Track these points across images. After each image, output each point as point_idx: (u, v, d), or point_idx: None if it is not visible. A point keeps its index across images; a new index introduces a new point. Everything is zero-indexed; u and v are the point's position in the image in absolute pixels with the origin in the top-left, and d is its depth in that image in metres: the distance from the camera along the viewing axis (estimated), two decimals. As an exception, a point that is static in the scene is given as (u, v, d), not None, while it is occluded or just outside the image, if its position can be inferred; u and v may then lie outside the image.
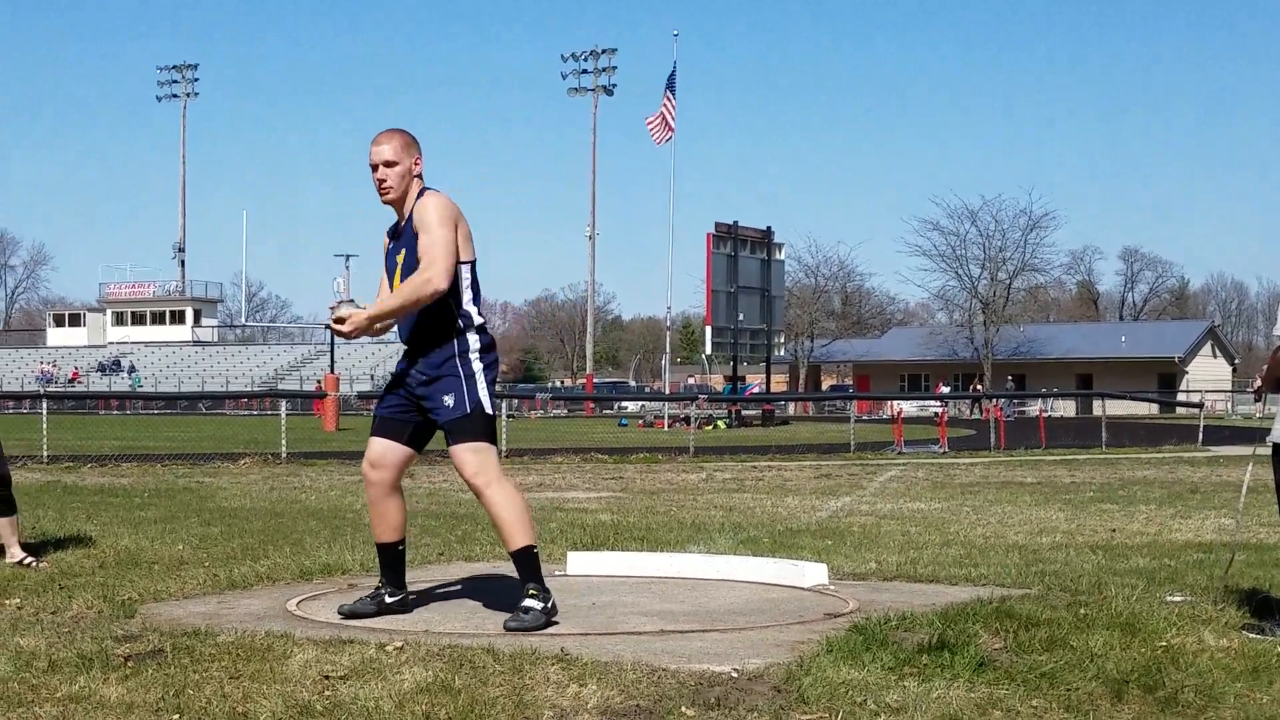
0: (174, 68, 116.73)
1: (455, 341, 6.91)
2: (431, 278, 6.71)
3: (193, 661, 5.86)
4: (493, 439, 6.99)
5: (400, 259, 6.96)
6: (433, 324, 6.89)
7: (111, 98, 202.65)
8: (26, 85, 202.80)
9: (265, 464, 24.45)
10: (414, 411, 7.02)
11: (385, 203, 7.02)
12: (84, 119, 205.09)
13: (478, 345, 6.94)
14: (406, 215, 6.95)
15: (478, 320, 6.98)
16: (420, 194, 6.94)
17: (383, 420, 7.12)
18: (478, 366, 6.91)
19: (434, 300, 6.77)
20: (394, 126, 7.04)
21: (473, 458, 6.89)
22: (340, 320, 6.85)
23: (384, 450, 7.10)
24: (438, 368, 6.89)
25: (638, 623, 7.00)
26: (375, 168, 6.93)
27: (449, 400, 6.85)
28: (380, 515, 7.20)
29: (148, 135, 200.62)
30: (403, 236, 6.97)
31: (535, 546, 6.97)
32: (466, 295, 6.92)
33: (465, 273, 6.92)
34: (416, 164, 6.97)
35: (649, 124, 74.22)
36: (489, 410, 6.92)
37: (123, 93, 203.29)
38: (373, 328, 6.91)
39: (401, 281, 6.91)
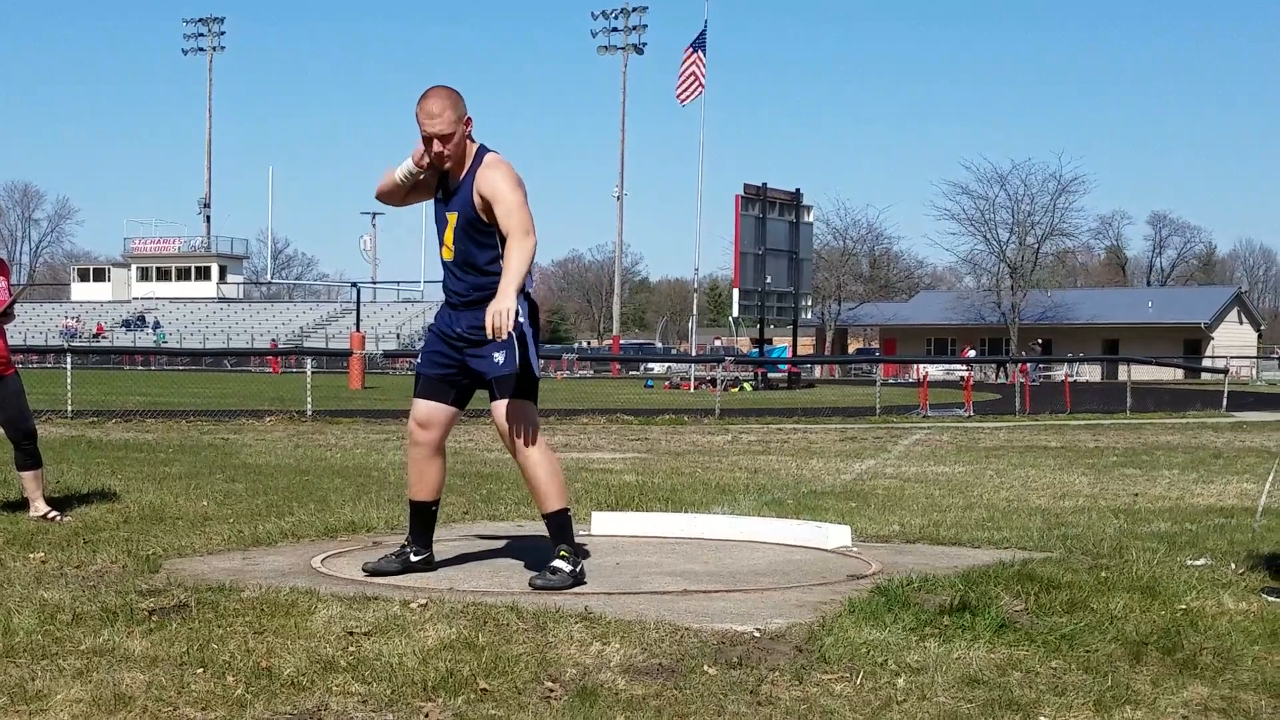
0: (200, 20, 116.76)
1: None
2: (528, 233, 6.69)
3: (217, 616, 5.90)
4: (535, 400, 7.01)
5: (452, 219, 6.92)
6: (487, 284, 6.83)
7: (137, 51, 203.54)
8: (52, 38, 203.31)
9: (290, 421, 24.48)
10: (458, 370, 7.02)
11: (440, 168, 6.99)
12: (109, 72, 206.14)
13: (525, 308, 6.93)
14: (462, 175, 6.91)
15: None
16: (479, 154, 6.90)
17: (429, 380, 7.11)
18: (527, 329, 6.91)
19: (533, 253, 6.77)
20: (436, 86, 6.88)
21: (516, 415, 6.90)
22: (498, 330, 6.72)
23: (431, 411, 7.11)
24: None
25: (661, 583, 7.03)
26: (430, 140, 6.82)
27: (499, 356, 6.82)
28: (420, 474, 7.22)
29: (173, 89, 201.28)
30: (456, 196, 6.91)
31: (569, 510, 7.02)
32: None
33: None
34: (467, 125, 6.89)
35: (678, 90, 73.59)
36: (536, 373, 6.95)
37: (148, 46, 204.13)
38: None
39: (455, 240, 6.91)
